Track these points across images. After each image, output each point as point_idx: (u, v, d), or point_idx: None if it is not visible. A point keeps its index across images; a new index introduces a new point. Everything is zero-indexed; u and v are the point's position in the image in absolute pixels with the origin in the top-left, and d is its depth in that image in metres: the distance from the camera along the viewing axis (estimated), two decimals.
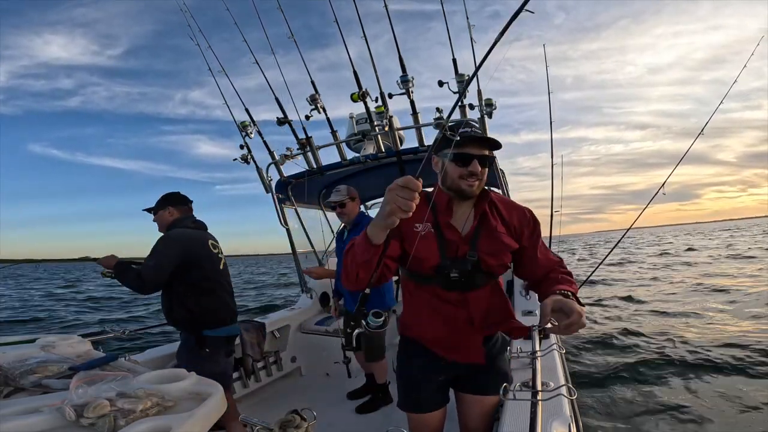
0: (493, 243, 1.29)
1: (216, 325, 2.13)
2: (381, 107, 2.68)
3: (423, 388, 1.43)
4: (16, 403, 0.98)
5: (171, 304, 2.09)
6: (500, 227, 1.31)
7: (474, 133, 1.24)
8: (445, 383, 1.45)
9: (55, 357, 1.38)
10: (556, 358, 1.61)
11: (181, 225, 2.17)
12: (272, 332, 3.12)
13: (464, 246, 1.28)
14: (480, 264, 1.28)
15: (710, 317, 6.59)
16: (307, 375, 3.34)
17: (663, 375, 4.17)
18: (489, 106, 2.50)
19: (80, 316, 10.57)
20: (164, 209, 2.20)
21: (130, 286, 2.00)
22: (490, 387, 1.37)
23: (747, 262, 14.45)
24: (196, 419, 0.90)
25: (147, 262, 2.01)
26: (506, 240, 1.30)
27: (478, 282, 1.30)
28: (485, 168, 1.26)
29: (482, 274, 1.30)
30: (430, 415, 1.43)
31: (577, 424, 1.30)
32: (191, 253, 2.07)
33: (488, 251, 1.28)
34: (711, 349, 4.78)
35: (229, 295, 2.26)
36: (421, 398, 1.43)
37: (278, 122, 3.07)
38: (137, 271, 2.01)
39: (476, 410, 1.42)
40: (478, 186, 1.26)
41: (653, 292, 9.52)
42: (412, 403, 1.44)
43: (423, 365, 1.42)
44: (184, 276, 2.05)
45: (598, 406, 3.55)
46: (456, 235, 1.29)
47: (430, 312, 1.35)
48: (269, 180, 3.24)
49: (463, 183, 1.24)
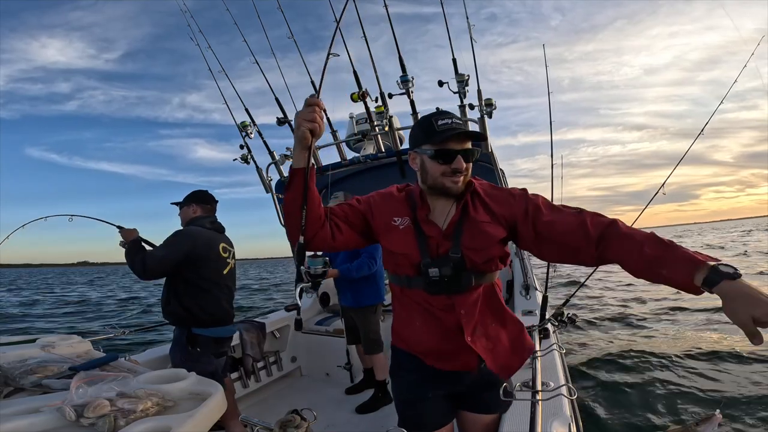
0: (477, 236, 1.13)
1: (206, 325, 2.16)
2: (381, 107, 2.69)
3: (421, 406, 1.26)
4: (16, 403, 0.98)
5: (169, 297, 2.15)
6: (482, 216, 1.15)
7: (455, 126, 1.10)
8: (445, 399, 1.28)
9: (55, 357, 1.38)
10: (556, 358, 1.61)
11: (199, 223, 2.24)
12: (272, 332, 3.12)
13: (445, 242, 1.15)
14: (464, 262, 1.13)
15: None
16: (307, 375, 3.34)
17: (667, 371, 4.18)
18: (489, 106, 2.50)
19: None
20: (188, 206, 2.30)
21: (132, 266, 2.05)
22: (492, 405, 1.25)
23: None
24: (196, 419, 0.90)
25: (155, 251, 2.10)
26: (491, 230, 1.14)
27: (465, 283, 1.14)
28: (470, 162, 1.14)
29: (469, 273, 1.14)
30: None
31: (577, 424, 1.30)
32: (197, 252, 2.12)
33: (472, 246, 1.13)
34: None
35: (227, 299, 2.29)
36: (421, 416, 1.26)
37: (278, 122, 3.07)
38: (144, 256, 2.06)
39: (478, 429, 1.29)
40: (464, 182, 1.14)
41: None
42: (412, 424, 1.24)
43: (417, 381, 1.26)
44: (185, 272, 2.11)
45: (598, 406, 3.55)
46: (435, 230, 1.16)
47: (418, 319, 1.21)
48: (269, 180, 3.24)
49: (447, 181, 1.12)
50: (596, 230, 1.03)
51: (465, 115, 2.57)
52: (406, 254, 1.17)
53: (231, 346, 2.68)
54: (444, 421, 1.29)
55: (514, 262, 3.50)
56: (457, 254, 1.13)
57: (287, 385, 3.17)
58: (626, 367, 4.48)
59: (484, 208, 1.17)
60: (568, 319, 2.04)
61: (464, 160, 1.11)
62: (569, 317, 2.05)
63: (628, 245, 0.97)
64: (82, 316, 11.37)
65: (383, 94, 2.66)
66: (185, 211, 2.30)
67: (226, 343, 2.30)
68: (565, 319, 2.03)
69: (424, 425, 1.25)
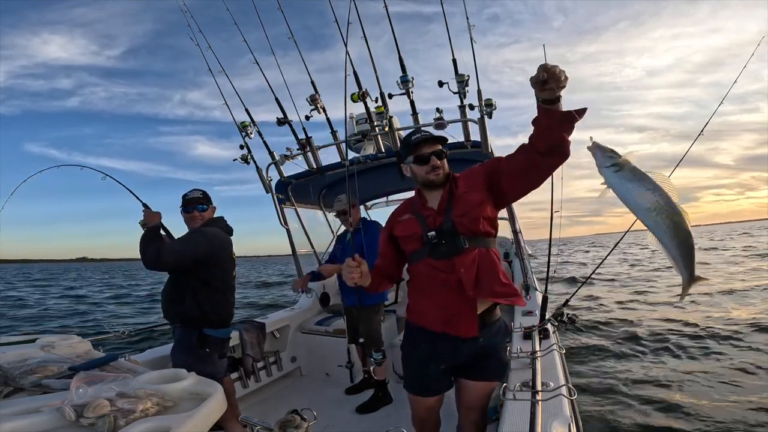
0: (462, 205, 1.48)
1: (218, 326, 2.17)
2: (381, 107, 2.68)
3: (427, 373, 1.57)
4: (16, 403, 0.98)
5: (184, 297, 2.08)
6: (462, 190, 1.52)
7: (424, 135, 1.53)
8: (447, 371, 1.58)
9: (55, 357, 1.38)
10: (556, 358, 1.61)
11: (219, 225, 2.24)
12: (272, 332, 3.12)
13: (439, 217, 1.50)
14: (456, 226, 1.46)
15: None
16: (307, 375, 3.34)
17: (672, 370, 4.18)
18: (489, 107, 2.50)
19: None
20: (210, 206, 2.28)
21: (144, 251, 1.96)
22: (489, 373, 1.52)
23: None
24: (196, 419, 0.90)
25: (174, 245, 2.06)
26: (472, 197, 1.47)
27: (460, 245, 1.45)
28: (442, 159, 1.53)
29: (462, 237, 1.45)
30: (433, 399, 1.61)
31: (577, 424, 1.29)
32: (216, 254, 2.13)
33: (459, 214, 1.46)
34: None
35: (233, 300, 2.30)
36: (425, 383, 1.59)
37: (278, 122, 3.07)
38: (160, 245, 1.98)
39: (475, 395, 1.55)
40: (443, 174, 1.52)
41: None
42: (417, 387, 1.62)
43: (426, 351, 1.56)
44: (201, 273, 2.09)
45: (598, 406, 3.55)
46: (431, 211, 1.53)
47: (427, 284, 1.51)
48: (269, 180, 3.24)
49: (430, 176, 1.51)
50: (528, 146, 1.34)
51: (465, 116, 2.57)
52: (412, 234, 1.53)
53: (231, 347, 2.68)
54: (440, 389, 1.60)
55: (514, 262, 3.50)
56: (449, 222, 1.47)
57: (287, 385, 3.17)
58: (626, 367, 4.48)
59: (463, 184, 1.53)
60: (568, 319, 2.03)
61: (437, 158, 1.51)
62: (569, 317, 2.04)
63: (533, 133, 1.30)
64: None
65: (383, 94, 2.66)
66: (208, 212, 2.26)
67: (227, 344, 2.31)
68: (565, 320, 2.03)
69: (425, 390, 1.60)
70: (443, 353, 1.52)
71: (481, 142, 2.55)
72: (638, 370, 4.37)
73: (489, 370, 1.52)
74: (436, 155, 1.51)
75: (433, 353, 1.54)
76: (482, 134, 2.54)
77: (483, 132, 2.53)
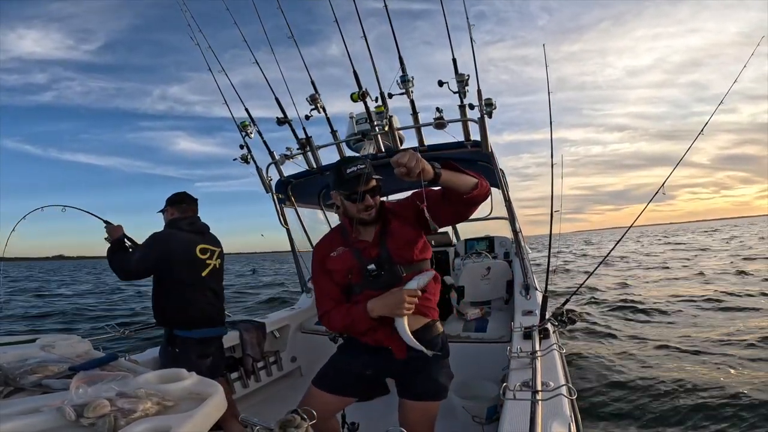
0: (397, 238, 1.48)
1: (187, 326, 2.14)
2: (381, 107, 2.68)
3: (342, 373, 1.59)
4: (16, 403, 0.98)
5: (152, 300, 2.21)
6: (395, 223, 1.51)
7: (359, 172, 1.39)
8: (369, 380, 1.59)
9: (55, 357, 1.38)
10: (556, 358, 1.61)
11: (176, 226, 2.22)
12: (272, 332, 3.12)
13: (374, 249, 1.48)
14: (392, 257, 1.46)
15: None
16: (307, 375, 3.33)
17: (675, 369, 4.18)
18: (489, 106, 2.49)
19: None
20: (165, 210, 2.31)
21: (112, 265, 2.12)
22: (422, 392, 1.49)
23: None
24: (196, 419, 0.90)
25: (134, 253, 2.17)
26: (405, 230, 1.48)
27: (398, 274, 1.46)
28: (376, 197, 1.46)
29: (399, 266, 1.46)
30: (332, 397, 1.56)
31: (577, 424, 1.30)
32: (169, 255, 2.11)
33: (395, 246, 1.47)
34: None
35: (210, 299, 2.26)
36: (336, 381, 1.58)
37: (278, 122, 3.06)
38: (122, 257, 2.13)
39: (412, 417, 1.49)
40: (376, 211, 1.47)
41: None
42: (325, 382, 1.59)
43: (352, 355, 1.60)
44: (159, 275, 2.15)
45: (598, 406, 3.55)
46: (365, 243, 1.50)
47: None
48: (269, 180, 3.24)
49: (362, 214, 1.45)
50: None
51: (465, 115, 2.56)
52: (350, 267, 1.49)
53: (231, 346, 2.68)
54: (346, 394, 1.59)
55: (514, 262, 3.49)
56: (385, 253, 1.46)
57: (287, 385, 3.17)
58: (626, 367, 4.48)
59: (395, 217, 1.52)
60: (568, 319, 2.04)
61: (371, 196, 1.43)
62: (569, 317, 2.05)
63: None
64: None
65: (383, 93, 2.66)
66: (165, 216, 2.32)
67: (213, 344, 2.27)
68: (565, 319, 2.03)
69: (329, 387, 1.56)
70: (374, 360, 1.54)
71: (481, 142, 2.55)
72: (638, 370, 4.37)
73: (423, 388, 1.50)
74: (371, 193, 1.44)
75: (360, 358, 1.57)
76: (482, 134, 2.54)
77: (483, 131, 2.53)
